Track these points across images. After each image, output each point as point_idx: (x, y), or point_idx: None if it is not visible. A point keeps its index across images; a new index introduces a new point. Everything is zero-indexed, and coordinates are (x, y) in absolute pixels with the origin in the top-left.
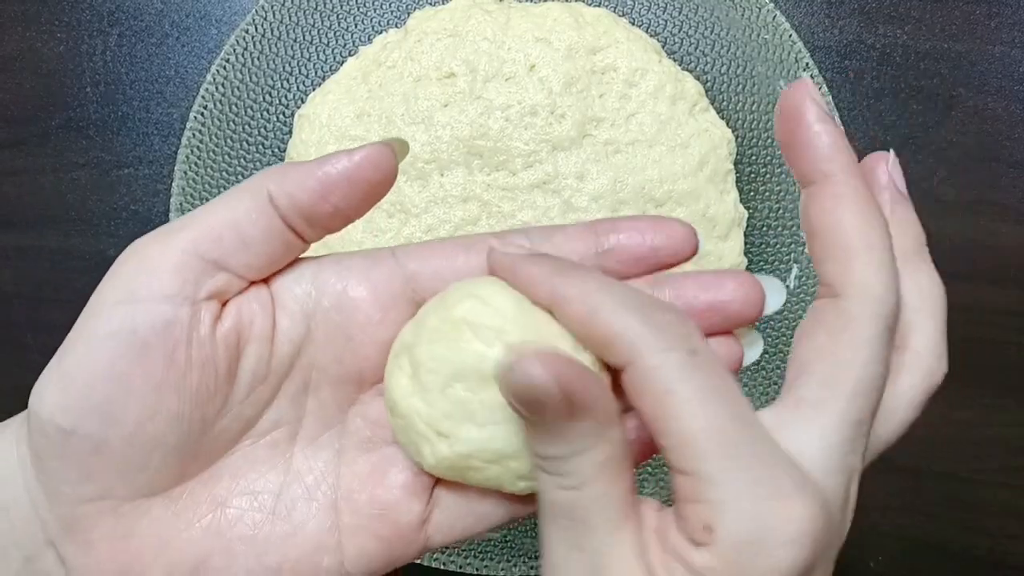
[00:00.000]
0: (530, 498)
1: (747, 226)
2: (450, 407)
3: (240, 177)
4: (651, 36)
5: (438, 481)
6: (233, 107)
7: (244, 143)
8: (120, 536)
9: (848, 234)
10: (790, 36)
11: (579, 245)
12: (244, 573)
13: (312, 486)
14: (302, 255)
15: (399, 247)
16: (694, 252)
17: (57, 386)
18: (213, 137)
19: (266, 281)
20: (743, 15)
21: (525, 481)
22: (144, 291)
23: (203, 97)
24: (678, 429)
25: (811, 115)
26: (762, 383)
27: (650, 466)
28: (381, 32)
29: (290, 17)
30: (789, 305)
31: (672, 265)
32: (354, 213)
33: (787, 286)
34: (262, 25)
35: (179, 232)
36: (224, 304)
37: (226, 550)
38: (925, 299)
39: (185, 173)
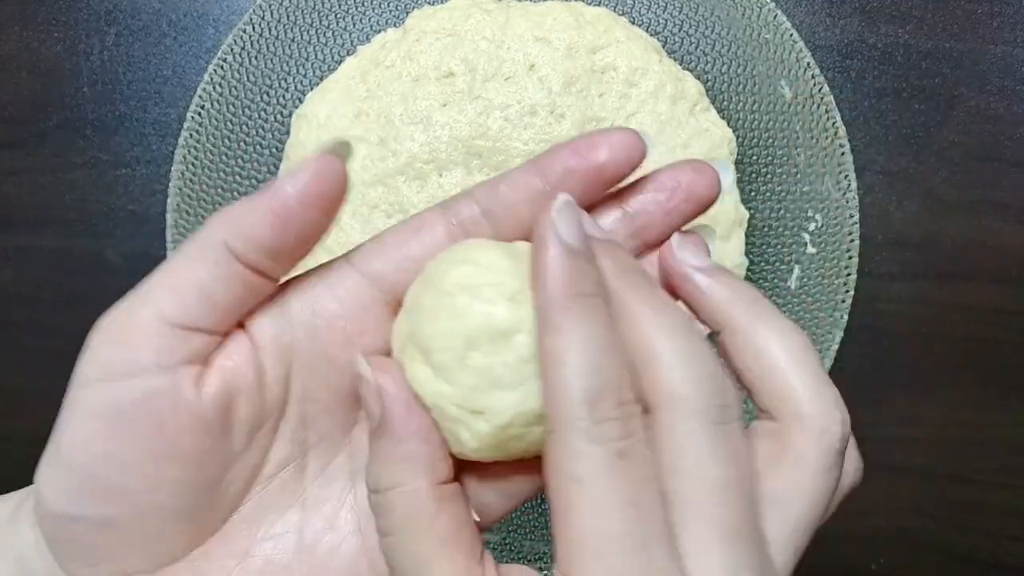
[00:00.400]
0: None
1: (748, 227)
2: (475, 379)
3: (238, 178)
4: (651, 35)
5: (459, 473)
6: (231, 107)
7: (242, 143)
8: None
9: (774, 369)
10: (791, 35)
11: (526, 192)
12: None
13: (331, 515)
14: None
15: (353, 252)
16: (642, 156)
17: (56, 472)
18: (211, 137)
19: (241, 326)
20: (744, 14)
21: None
22: (121, 367)
23: (201, 97)
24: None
25: (689, 272)
26: None
27: None
28: (380, 31)
29: (288, 16)
30: (790, 306)
31: (623, 176)
32: (317, 234)
33: (788, 287)
34: (260, 24)
35: (145, 302)
36: (205, 361)
37: None
38: (784, 352)
39: (183, 173)
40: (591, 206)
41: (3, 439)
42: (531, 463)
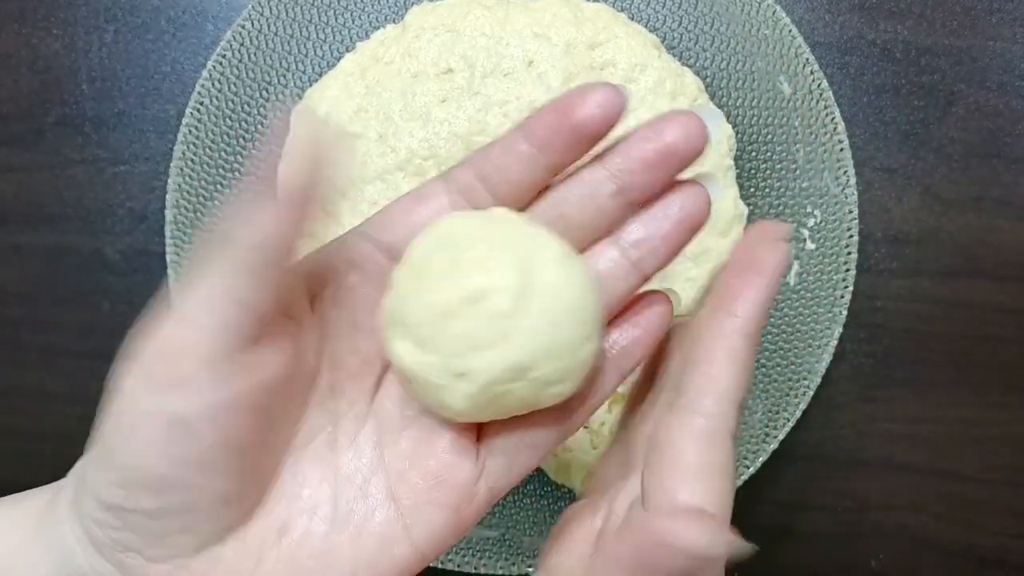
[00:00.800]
0: (571, 406)
1: (747, 222)
2: (454, 344)
3: (237, 174)
4: (650, 31)
5: (481, 432)
6: (229, 103)
7: (241, 139)
8: None
9: (718, 362)
10: (790, 31)
11: (515, 156)
12: None
13: (363, 483)
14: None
15: (363, 225)
16: (621, 105)
17: (109, 469)
18: (209, 134)
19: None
20: (743, 10)
21: (555, 387)
22: (179, 387)
23: (199, 93)
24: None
25: (772, 277)
26: (763, 380)
27: None
28: (379, 28)
29: (287, 13)
30: (789, 303)
31: (606, 131)
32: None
33: (787, 283)
34: (259, 21)
35: (191, 326)
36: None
37: (301, 572)
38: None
39: (181, 170)
40: (576, 165)
41: (2, 436)
42: (543, 414)
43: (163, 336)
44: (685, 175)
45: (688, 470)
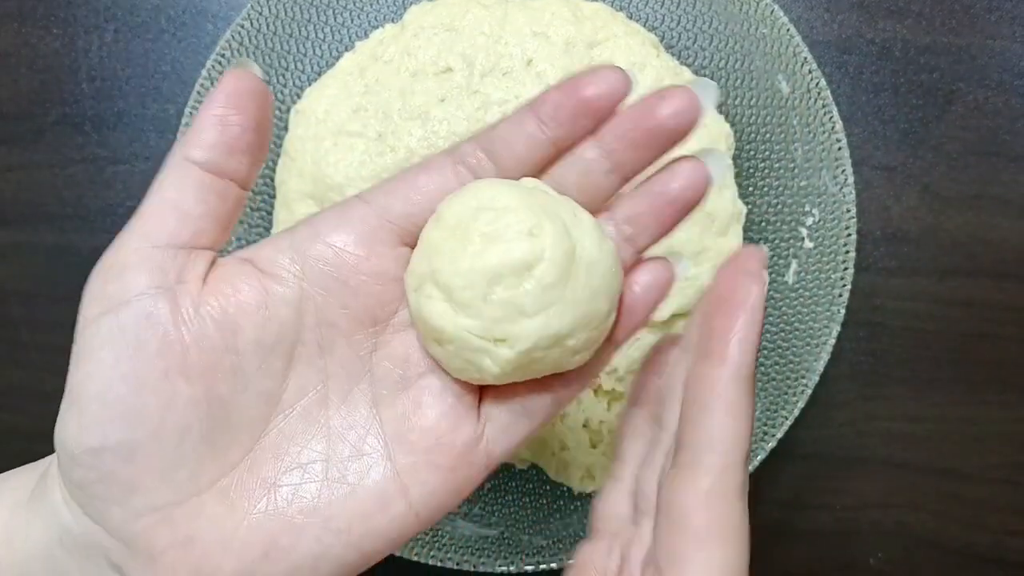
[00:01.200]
0: (573, 376)
1: (746, 221)
2: (498, 311)
3: None
4: (649, 30)
5: (482, 396)
6: None
7: None
8: (182, 542)
9: (717, 416)
10: (788, 30)
11: (520, 128)
12: (314, 542)
13: (357, 441)
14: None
15: (364, 191)
16: (626, 89)
17: (73, 412)
18: None
19: (248, 260)
20: (741, 9)
21: (579, 354)
22: (120, 296)
23: (199, 93)
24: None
25: (756, 312)
26: (761, 378)
27: None
28: (377, 27)
29: (286, 12)
30: (787, 301)
31: (610, 109)
32: (257, 125)
33: (786, 281)
34: (258, 20)
35: (128, 233)
36: (203, 280)
37: (290, 527)
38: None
39: None
40: (576, 138)
41: (2, 436)
42: (547, 382)
43: (105, 255)
44: (685, 151)
45: (697, 534)
